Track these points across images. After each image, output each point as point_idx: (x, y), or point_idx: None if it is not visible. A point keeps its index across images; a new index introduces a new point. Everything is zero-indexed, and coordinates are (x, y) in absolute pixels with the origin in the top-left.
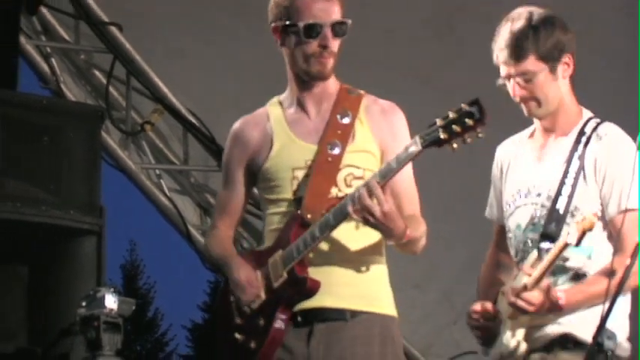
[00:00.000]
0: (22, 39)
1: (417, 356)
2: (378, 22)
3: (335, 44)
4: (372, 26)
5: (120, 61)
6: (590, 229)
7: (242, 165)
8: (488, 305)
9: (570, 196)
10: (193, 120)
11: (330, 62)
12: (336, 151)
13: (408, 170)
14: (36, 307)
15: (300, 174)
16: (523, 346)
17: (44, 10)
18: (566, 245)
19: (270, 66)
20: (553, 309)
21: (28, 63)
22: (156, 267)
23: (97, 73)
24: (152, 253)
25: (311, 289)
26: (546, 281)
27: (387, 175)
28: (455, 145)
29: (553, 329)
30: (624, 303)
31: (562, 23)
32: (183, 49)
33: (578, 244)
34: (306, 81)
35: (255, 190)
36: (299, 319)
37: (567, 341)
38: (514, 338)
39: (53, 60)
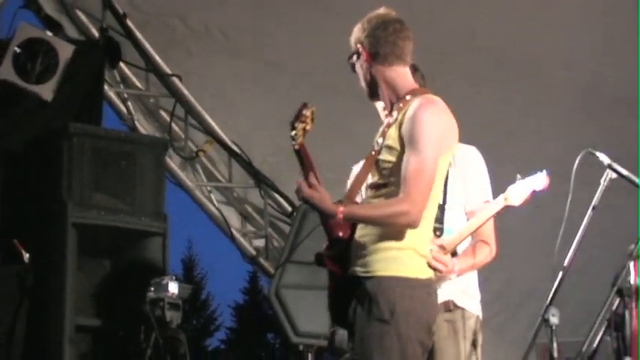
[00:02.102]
0: (106, 87)
1: None
2: None
3: (359, 74)
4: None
5: (180, 104)
6: (542, 190)
7: None
8: None
9: (445, 193)
10: (236, 149)
11: (363, 87)
12: (378, 145)
13: (414, 158)
14: (116, 291)
15: None
16: None
17: (122, 64)
18: (505, 207)
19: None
20: (449, 273)
21: (110, 105)
22: (208, 260)
23: (162, 113)
24: (205, 250)
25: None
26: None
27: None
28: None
29: (439, 296)
30: (475, 276)
31: None
32: (228, 95)
33: (520, 204)
34: None
35: (280, 199)
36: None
37: (449, 305)
38: None
39: (129, 103)
